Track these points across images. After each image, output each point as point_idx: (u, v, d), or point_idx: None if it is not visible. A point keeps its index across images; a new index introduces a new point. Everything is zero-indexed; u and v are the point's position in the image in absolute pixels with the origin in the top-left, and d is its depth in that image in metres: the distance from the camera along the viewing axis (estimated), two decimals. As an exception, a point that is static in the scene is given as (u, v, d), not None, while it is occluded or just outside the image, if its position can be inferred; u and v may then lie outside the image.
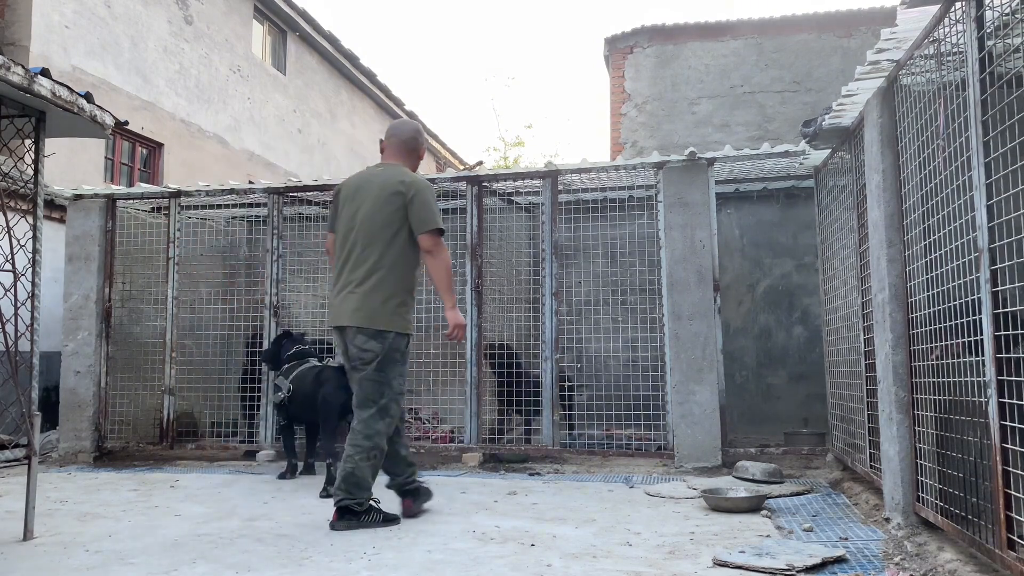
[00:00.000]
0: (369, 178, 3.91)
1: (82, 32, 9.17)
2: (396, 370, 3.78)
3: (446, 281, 3.81)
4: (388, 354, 3.73)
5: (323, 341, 6.63)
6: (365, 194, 3.84)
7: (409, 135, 4.08)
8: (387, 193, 3.79)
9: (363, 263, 3.76)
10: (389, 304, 3.74)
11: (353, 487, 3.64)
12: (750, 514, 3.91)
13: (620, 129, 10.55)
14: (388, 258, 3.77)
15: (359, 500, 3.65)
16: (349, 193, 3.92)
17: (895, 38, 3.14)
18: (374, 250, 3.77)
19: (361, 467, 3.66)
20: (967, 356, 2.74)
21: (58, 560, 3.19)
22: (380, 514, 3.73)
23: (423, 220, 3.77)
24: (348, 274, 3.79)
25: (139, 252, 6.79)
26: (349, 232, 3.83)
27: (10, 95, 3.52)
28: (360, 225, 3.80)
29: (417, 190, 3.81)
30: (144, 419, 6.57)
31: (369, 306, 3.71)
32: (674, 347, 5.52)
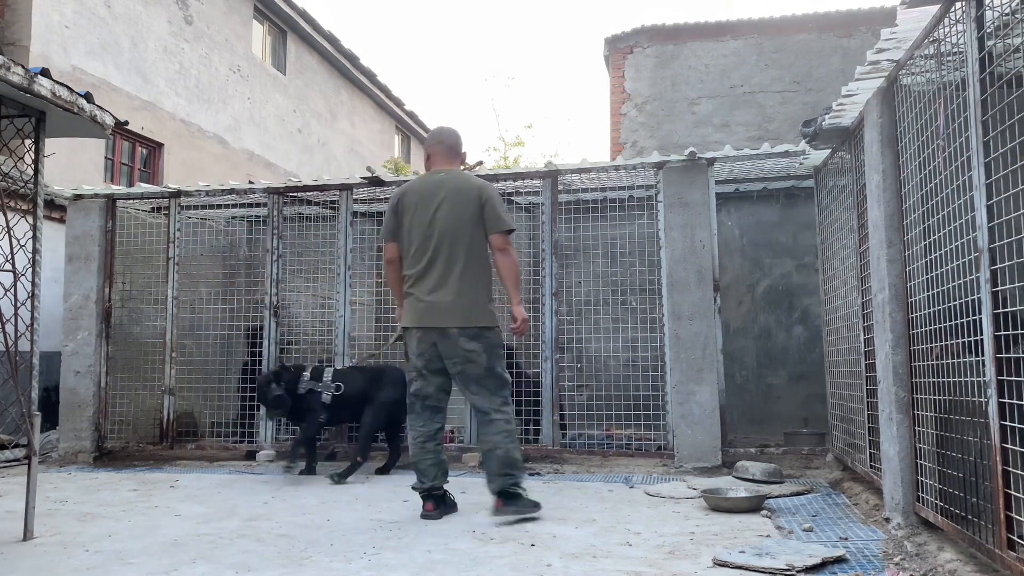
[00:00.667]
0: (438, 183, 4.05)
1: (82, 32, 9.18)
2: (503, 362, 4.02)
3: (516, 278, 4.00)
4: (493, 349, 3.94)
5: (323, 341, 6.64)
6: (439, 198, 3.99)
7: (455, 140, 4.24)
8: (466, 196, 3.99)
9: (454, 264, 3.93)
10: (484, 302, 3.97)
11: (517, 470, 3.87)
12: (750, 514, 3.91)
13: (620, 129, 10.55)
14: (476, 258, 3.97)
15: (520, 480, 3.88)
16: (416, 199, 4.04)
17: (895, 38, 3.14)
18: (462, 251, 3.94)
19: (512, 449, 3.86)
20: (967, 356, 2.74)
21: (58, 560, 3.19)
22: (530, 500, 3.89)
23: (498, 220, 3.97)
24: (439, 276, 3.94)
25: (139, 252, 6.79)
26: (429, 236, 3.97)
27: (10, 95, 3.52)
28: (443, 228, 3.96)
29: (489, 193, 4.03)
30: (144, 419, 6.57)
31: (469, 306, 3.91)
32: (674, 347, 5.52)
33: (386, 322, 6.91)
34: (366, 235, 6.97)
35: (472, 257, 3.96)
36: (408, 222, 4.04)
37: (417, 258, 4.00)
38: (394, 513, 4.07)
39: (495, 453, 3.85)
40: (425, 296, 3.95)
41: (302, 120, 14.34)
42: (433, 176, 4.12)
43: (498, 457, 3.84)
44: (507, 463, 3.84)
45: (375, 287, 7.23)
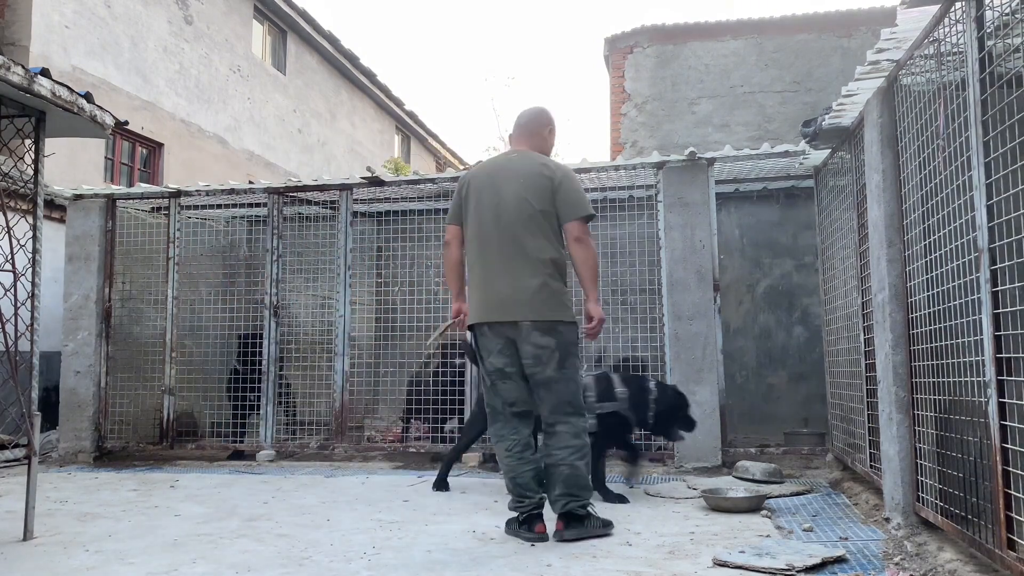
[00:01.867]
0: (504, 164, 3.69)
1: (82, 32, 9.18)
2: (576, 364, 3.56)
3: (593, 272, 3.53)
4: (567, 347, 3.49)
5: (323, 341, 6.65)
6: (507, 179, 3.59)
7: (528, 118, 3.82)
8: (534, 176, 3.55)
9: (521, 252, 3.49)
10: (558, 293, 3.50)
11: (580, 489, 3.43)
12: (750, 514, 3.91)
13: (620, 129, 10.55)
14: (548, 245, 3.51)
15: (584, 502, 3.45)
16: (481, 183, 3.66)
17: (895, 38, 3.14)
18: (532, 238, 3.49)
19: (578, 466, 3.42)
20: (967, 356, 2.74)
21: (58, 560, 3.19)
22: (599, 519, 3.50)
23: (574, 205, 3.52)
24: (505, 264, 3.50)
25: (139, 252, 6.79)
26: (495, 220, 3.54)
27: (10, 95, 3.52)
28: (508, 212, 3.53)
29: (564, 174, 3.59)
30: (144, 419, 6.57)
31: (541, 297, 3.44)
32: (674, 347, 5.52)
33: (386, 322, 6.92)
34: (366, 235, 6.98)
35: (546, 244, 3.50)
36: (473, 207, 3.63)
37: (480, 245, 3.59)
38: (394, 513, 4.07)
39: (559, 469, 3.41)
40: (489, 286, 3.53)
41: (302, 120, 14.34)
42: (503, 157, 3.79)
43: (562, 474, 3.40)
44: (568, 481, 3.40)
45: (375, 287, 7.24)
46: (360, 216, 6.75)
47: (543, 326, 3.44)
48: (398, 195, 6.55)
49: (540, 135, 3.82)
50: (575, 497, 3.41)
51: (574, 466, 3.41)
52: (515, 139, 3.85)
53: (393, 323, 6.83)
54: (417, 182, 6.34)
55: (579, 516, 3.42)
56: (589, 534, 3.40)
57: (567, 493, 3.41)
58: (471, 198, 3.66)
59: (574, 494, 3.41)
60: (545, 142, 3.83)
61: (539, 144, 3.80)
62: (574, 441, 3.45)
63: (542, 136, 3.82)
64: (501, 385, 3.55)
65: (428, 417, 6.17)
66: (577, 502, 3.42)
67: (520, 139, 3.82)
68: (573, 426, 3.47)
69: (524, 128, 3.82)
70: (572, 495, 3.41)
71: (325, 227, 6.74)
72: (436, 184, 6.34)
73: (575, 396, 3.52)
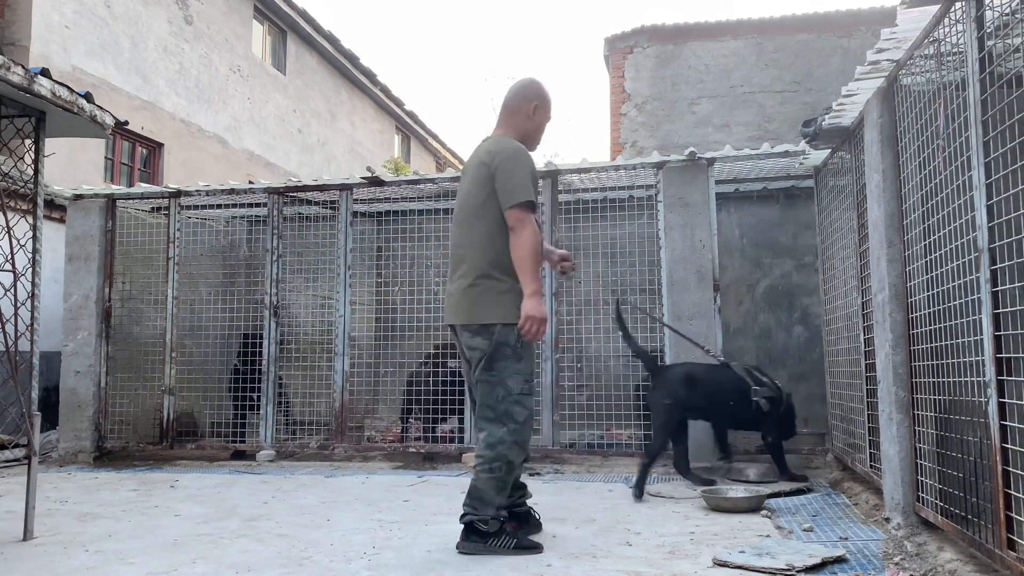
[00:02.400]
0: (476, 150, 3.45)
1: (82, 32, 9.18)
2: (510, 368, 3.21)
3: (526, 264, 3.15)
4: (497, 349, 3.20)
5: (323, 341, 6.65)
6: (469, 167, 3.41)
7: (510, 94, 3.45)
8: (475, 167, 3.32)
9: (459, 249, 3.35)
10: (489, 292, 3.22)
11: (476, 501, 3.20)
12: (750, 514, 3.91)
13: (620, 129, 10.55)
14: (481, 242, 3.26)
15: (483, 517, 3.17)
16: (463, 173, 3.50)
17: (895, 38, 3.14)
18: (467, 235, 3.31)
19: (481, 479, 3.19)
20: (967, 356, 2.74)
21: (58, 560, 3.19)
22: (513, 539, 3.21)
23: (505, 192, 3.20)
24: (452, 265, 3.40)
25: (139, 252, 6.79)
26: (453, 219, 3.46)
27: (10, 95, 3.52)
28: (457, 208, 3.41)
29: (503, 158, 3.23)
30: (144, 419, 6.57)
31: (469, 298, 3.24)
32: (674, 347, 5.52)
33: (386, 322, 6.92)
34: (366, 235, 6.98)
35: (480, 239, 3.26)
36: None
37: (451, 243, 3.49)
38: (394, 513, 4.07)
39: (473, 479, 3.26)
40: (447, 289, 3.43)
41: (302, 120, 14.34)
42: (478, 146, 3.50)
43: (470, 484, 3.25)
44: (471, 492, 3.22)
45: (375, 287, 7.24)
46: (360, 216, 6.75)
47: (472, 328, 3.24)
48: (398, 195, 6.55)
49: (523, 113, 3.42)
50: (472, 509, 3.19)
51: (478, 477, 3.20)
52: (498, 121, 3.49)
53: (393, 323, 6.83)
54: (417, 182, 6.34)
55: (480, 531, 3.17)
56: (490, 551, 3.14)
57: (467, 503, 3.23)
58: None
59: (473, 506, 3.20)
60: (530, 121, 3.43)
61: (522, 124, 3.43)
62: (485, 452, 3.20)
63: (526, 114, 3.42)
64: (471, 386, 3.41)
65: (423, 417, 6.18)
66: (474, 515, 3.18)
67: (500, 121, 3.47)
68: (489, 434, 3.20)
69: (504, 107, 3.45)
70: (471, 507, 3.20)
71: (325, 227, 6.74)
72: (436, 184, 6.34)
73: (498, 402, 3.20)
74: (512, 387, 3.21)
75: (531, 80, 3.49)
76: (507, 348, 3.20)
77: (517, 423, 3.21)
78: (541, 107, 3.44)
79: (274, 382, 6.26)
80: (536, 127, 3.46)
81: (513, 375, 3.21)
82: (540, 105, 3.44)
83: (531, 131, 3.45)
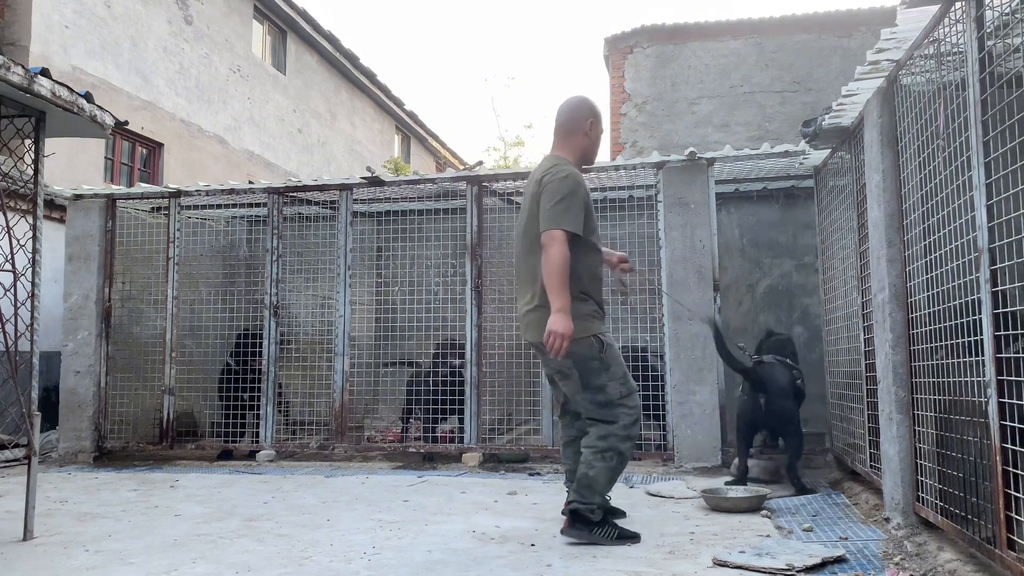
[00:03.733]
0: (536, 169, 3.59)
1: (82, 32, 9.18)
2: (601, 378, 3.36)
3: (554, 281, 3.24)
4: (578, 364, 3.34)
5: (323, 341, 6.64)
6: (526, 191, 3.55)
7: (564, 114, 3.55)
8: (533, 188, 3.44)
9: (524, 270, 3.50)
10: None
11: (585, 489, 3.33)
12: (750, 514, 3.91)
13: (620, 129, 10.55)
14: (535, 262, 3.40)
15: (590, 505, 3.32)
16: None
17: (895, 38, 3.14)
18: (530, 255, 3.43)
19: (595, 467, 3.32)
20: (967, 356, 2.74)
21: (58, 560, 3.19)
22: (615, 529, 3.36)
23: (545, 217, 3.31)
24: (519, 284, 3.57)
25: (139, 252, 6.79)
26: (516, 237, 3.60)
27: (10, 95, 3.52)
28: (520, 227, 3.54)
29: (549, 180, 3.35)
30: (144, 419, 6.57)
31: (542, 319, 3.30)
32: (674, 347, 5.52)
33: (386, 322, 6.92)
34: (366, 235, 6.98)
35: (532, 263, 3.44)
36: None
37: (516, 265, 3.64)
38: (394, 513, 4.07)
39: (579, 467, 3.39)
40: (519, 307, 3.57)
41: (302, 120, 14.35)
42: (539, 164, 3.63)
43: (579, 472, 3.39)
44: (580, 480, 3.35)
45: (375, 287, 7.24)
46: (360, 216, 6.75)
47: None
48: (398, 195, 6.55)
49: (580, 131, 3.53)
50: (580, 497, 3.34)
51: (590, 465, 3.33)
52: (554, 140, 3.62)
53: (393, 323, 6.83)
54: (417, 182, 6.34)
55: (586, 518, 3.32)
56: (592, 540, 3.30)
57: (576, 491, 3.38)
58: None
59: (580, 494, 3.35)
60: (587, 138, 3.55)
61: (579, 142, 3.54)
62: (598, 443, 3.35)
63: (582, 132, 3.53)
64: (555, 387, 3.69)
65: (424, 417, 6.17)
66: (582, 503, 3.33)
67: (557, 141, 3.59)
68: (600, 429, 3.37)
69: (560, 127, 3.57)
70: (578, 494, 3.35)
71: (325, 227, 6.74)
72: (436, 184, 6.34)
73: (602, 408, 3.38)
74: (612, 393, 3.37)
75: (583, 98, 3.62)
76: (589, 360, 3.34)
77: (627, 415, 3.38)
78: (595, 123, 3.58)
79: (274, 382, 6.26)
80: (592, 143, 3.60)
81: (609, 383, 3.37)
82: (595, 121, 3.58)
83: (588, 147, 3.59)
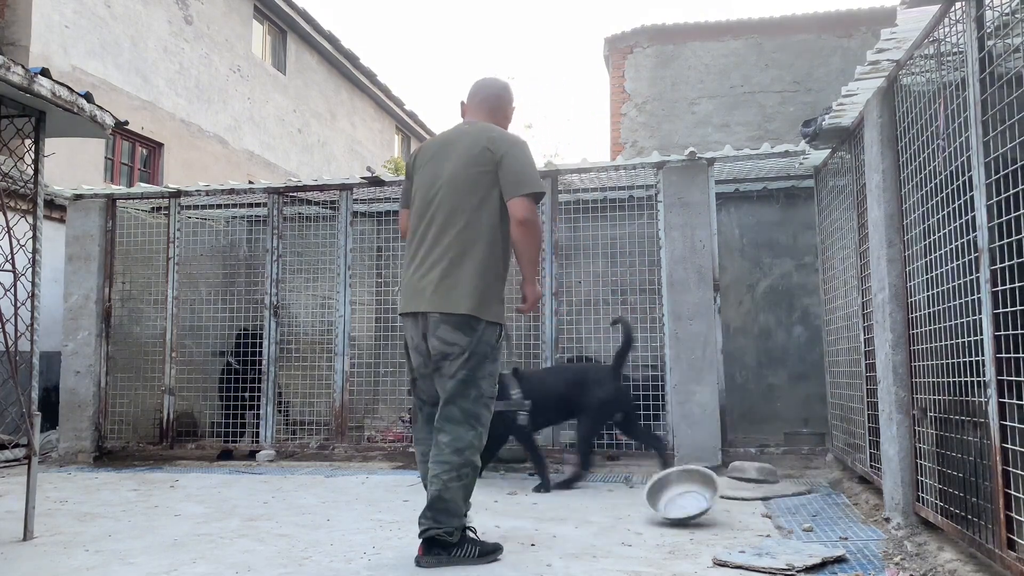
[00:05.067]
0: (452, 138, 3.27)
1: (82, 32, 9.17)
2: (486, 369, 3.11)
3: (533, 255, 3.16)
4: (477, 348, 3.07)
5: (323, 341, 6.64)
6: (448, 155, 3.22)
7: (493, 91, 3.42)
8: (475, 151, 3.16)
9: (445, 235, 3.12)
10: (479, 286, 3.08)
11: (441, 513, 3.00)
12: (750, 514, 3.90)
13: (620, 129, 10.56)
14: (476, 230, 3.12)
15: (448, 529, 3.00)
16: (426, 157, 3.29)
17: (895, 38, 3.14)
18: (459, 219, 3.12)
19: (450, 488, 2.99)
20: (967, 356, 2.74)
21: (58, 560, 3.19)
22: (476, 546, 3.07)
23: (517, 182, 3.11)
24: (428, 249, 3.15)
25: (139, 252, 6.79)
26: (430, 200, 3.19)
27: (10, 95, 3.52)
28: (443, 190, 3.17)
29: (510, 146, 3.17)
30: (144, 419, 6.57)
31: (456, 288, 3.06)
32: (674, 347, 5.52)
33: (386, 322, 6.91)
34: (366, 235, 6.98)
35: (474, 228, 3.12)
36: (416, 184, 3.30)
37: (414, 226, 3.24)
38: (394, 513, 4.08)
39: (430, 487, 3.04)
40: (412, 274, 3.18)
41: (302, 120, 14.34)
42: (456, 128, 3.34)
43: (430, 494, 3.03)
44: (434, 504, 3.00)
45: (375, 287, 7.24)
46: (360, 216, 6.75)
47: (453, 320, 3.06)
48: (398, 195, 6.55)
49: (503, 113, 3.43)
50: (436, 523, 2.99)
51: (445, 486, 2.99)
52: (472, 111, 3.41)
53: (393, 323, 6.83)
54: (417, 182, 6.33)
55: (444, 542, 3.00)
56: (453, 563, 2.98)
57: (428, 516, 3.02)
58: (416, 174, 3.31)
59: (436, 520, 3.00)
60: (507, 121, 3.46)
61: (501, 123, 3.42)
62: (453, 457, 3.01)
63: (505, 115, 3.44)
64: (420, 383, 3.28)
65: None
66: (438, 528, 2.98)
67: (478, 111, 3.39)
68: (457, 438, 3.04)
69: (485, 102, 3.40)
70: (434, 520, 3.00)
71: (325, 227, 6.74)
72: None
73: (470, 402, 3.07)
74: (485, 389, 3.11)
75: (508, 83, 3.53)
76: (488, 348, 3.11)
77: (483, 426, 3.11)
78: (513, 112, 3.52)
79: (274, 382, 6.26)
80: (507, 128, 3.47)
81: (487, 376, 3.13)
82: (514, 109, 3.51)
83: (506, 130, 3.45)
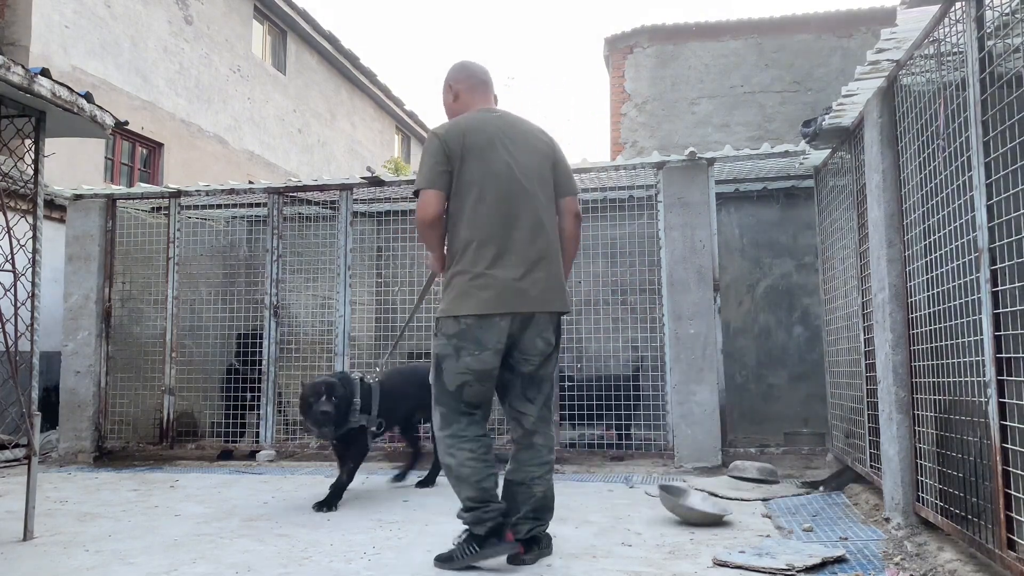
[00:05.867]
0: (504, 126, 3.08)
1: (82, 32, 9.17)
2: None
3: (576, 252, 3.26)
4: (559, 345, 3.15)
5: (323, 341, 6.64)
6: (515, 144, 3.05)
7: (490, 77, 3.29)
8: (540, 145, 3.13)
9: (540, 233, 2.99)
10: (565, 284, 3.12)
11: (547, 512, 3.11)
12: (750, 515, 3.90)
13: (620, 129, 10.56)
14: (555, 227, 3.10)
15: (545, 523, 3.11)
16: (480, 142, 2.99)
17: (895, 38, 3.14)
18: (546, 216, 3.04)
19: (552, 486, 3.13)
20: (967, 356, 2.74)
21: (58, 560, 3.19)
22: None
23: (572, 178, 3.19)
24: (524, 246, 2.96)
25: (139, 252, 6.79)
26: (508, 193, 2.97)
27: (10, 95, 3.52)
28: (526, 184, 3.00)
29: (557, 142, 3.23)
30: (144, 419, 6.57)
31: (559, 287, 3.04)
32: (674, 347, 5.52)
33: (386, 322, 6.92)
34: (366, 235, 6.98)
35: (554, 225, 3.10)
36: (476, 171, 2.97)
37: (489, 221, 2.95)
38: (394, 513, 4.07)
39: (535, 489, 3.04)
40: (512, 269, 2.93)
41: (302, 120, 14.34)
42: (496, 116, 3.12)
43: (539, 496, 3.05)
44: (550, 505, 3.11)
45: (375, 287, 7.24)
46: (360, 216, 6.75)
47: (557, 319, 3.08)
48: (398, 195, 6.55)
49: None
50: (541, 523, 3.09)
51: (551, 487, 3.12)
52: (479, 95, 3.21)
53: (393, 323, 6.83)
54: (417, 182, 6.33)
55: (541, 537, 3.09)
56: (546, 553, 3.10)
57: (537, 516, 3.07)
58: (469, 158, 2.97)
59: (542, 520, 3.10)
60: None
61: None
62: (550, 457, 3.13)
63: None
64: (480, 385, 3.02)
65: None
66: (543, 526, 3.11)
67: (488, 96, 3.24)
68: (549, 438, 3.14)
69: (491, 88, 3.27)
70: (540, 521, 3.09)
71: (325, 227, 6.74)
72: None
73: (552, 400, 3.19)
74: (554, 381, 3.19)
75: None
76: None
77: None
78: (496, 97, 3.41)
79: (274, 382, 6.26)
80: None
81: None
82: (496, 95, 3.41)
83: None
